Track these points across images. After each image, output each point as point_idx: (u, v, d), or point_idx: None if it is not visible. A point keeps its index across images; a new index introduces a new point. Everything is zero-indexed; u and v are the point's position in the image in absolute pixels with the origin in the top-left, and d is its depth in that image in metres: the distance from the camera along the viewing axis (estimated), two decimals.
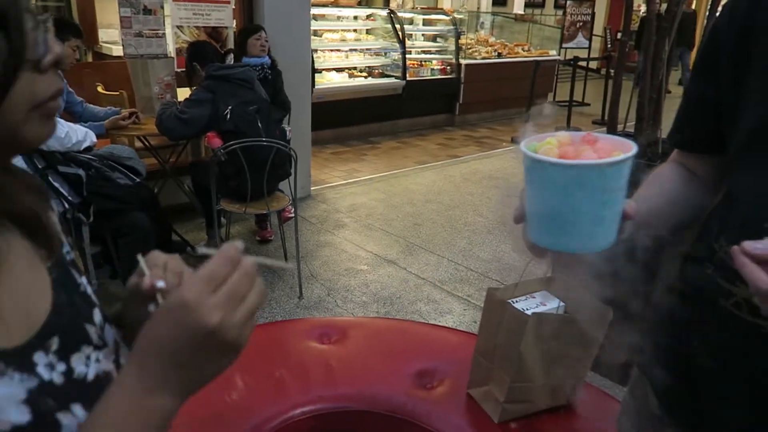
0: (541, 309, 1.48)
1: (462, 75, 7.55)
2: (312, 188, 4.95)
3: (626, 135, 2.59)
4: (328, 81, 6.47)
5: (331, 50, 6.70)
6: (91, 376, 0.59)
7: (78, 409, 0.55)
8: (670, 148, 1.08)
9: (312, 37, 6.38)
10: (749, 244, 0.66)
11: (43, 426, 0.52)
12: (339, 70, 6.70)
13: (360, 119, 6.82)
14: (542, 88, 8.37)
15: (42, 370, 0.54)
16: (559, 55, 9.03)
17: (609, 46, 9.21)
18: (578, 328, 1.39)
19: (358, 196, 4.91)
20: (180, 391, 0.54)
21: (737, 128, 0.86)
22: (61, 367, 0.56)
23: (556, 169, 0.71)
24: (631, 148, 0.75)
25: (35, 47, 0.53)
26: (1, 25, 0.50)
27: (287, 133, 3.78)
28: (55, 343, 0.56)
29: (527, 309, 1.45)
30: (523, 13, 11.32)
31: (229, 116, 3.13)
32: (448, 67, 7.57)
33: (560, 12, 9.98)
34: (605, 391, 1.54)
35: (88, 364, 0.59)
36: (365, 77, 6.91)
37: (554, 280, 1.50)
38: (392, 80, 6.99)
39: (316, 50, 6.30)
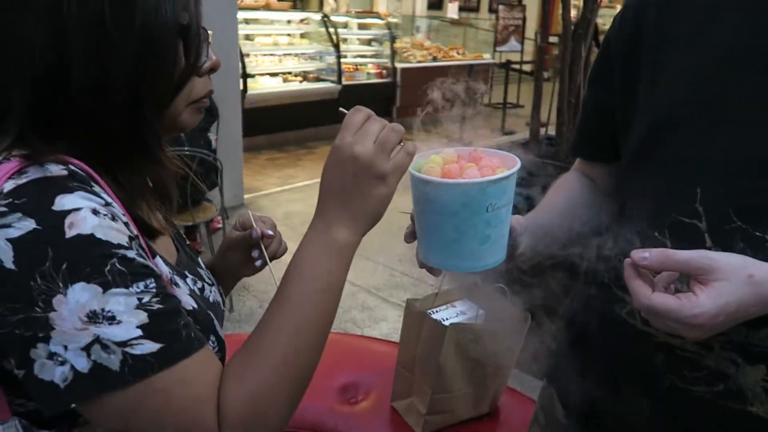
0: (460, 318, 1.48)
1: (398, 78, 7.58)
2: (245, 196, 4.83)
3: (548, 138, 2.65)
4: (262, 86, 6.35)
5: (264, 54, 6.58)
6: (211, 300, 0.75)
7: (211, 315, 0.71)
8: (573, 148, 1.09)
9: (244, 41, 6.26)
10: (637, 254, 0.66)
11: (202, 315, 0.68)
12: (273, 74, 6.59)
13: (295, 124, 6.73)
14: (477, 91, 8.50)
15: (189, 281, 0.71)
16: (493, 58, 9.21)
17: (539, 47, 9.45)
18: (498, 336, 1.39)
19: (294, 203, 4.84)
20: (351, 224, 0.66)
21: (629, 138, 0.87)
22: (197, 285, 0.73)
23: (438, 188, 0.70)
24: (515, 164, 0.74)
25: (201, 56, 0.66)
26: (183, 39, 0.63)
27: (212, 142, 3.66)
28: (188, 273, 0.73)
29: (446, 319, 1.44)
30: (457, 17, 11.50)
31: None
32: (384, 71, 7.58)
33: (494, 16, 10.19)
34: (528, 396, 1.55)
35: (211, 291, 0.77)
36: (300, 82, 6.83)
37: (475, 288, 1.50)
38: (328, 84, 6.94)
39: (248, 55, 6.18)
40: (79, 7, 0.57)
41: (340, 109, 0.71)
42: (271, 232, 0.88)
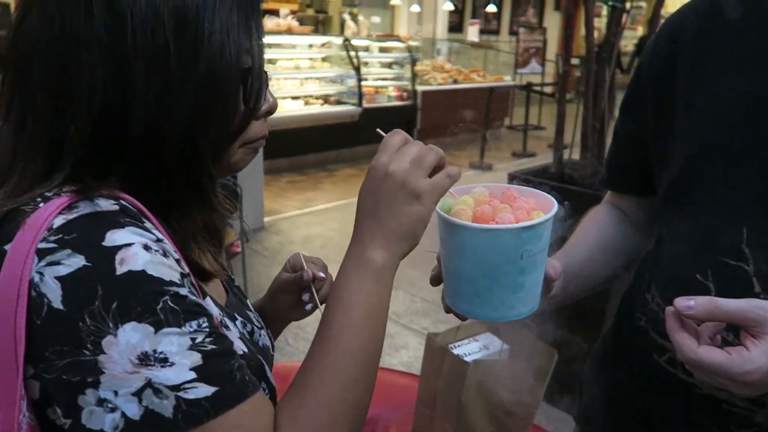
0: (483, 353, 1.42)
1: (419, 101, 7.59)
2: (265, 219, 4.83)
3: (573, 163, 2.59)
4: (283, 109, 6.39)
5: (286, 78, 6.65)
6: (260, 344, 0.74)
7: (262, 360, 0.68)
8: (604, 180, 1.03)
9: (266, 65, 6.31)
10: (681, 303, 0.61)
11: (253, 359, 0.65)
12: (294, 98, 6.64)
13: (316, 147, 6.76)
14: (498, 113, 8.47)
15: (239, 324, 0.70)
16: (514, 80, 9.18)
17: (561, 72, 9.43)
18: (522, 373, 1.33)
19: (314, 227, 4.82)
20: (386, 244, 0.63)
21: (664, 170, 0.82)
22: (247, 327, 0.72)
23: (469, 232, 0.65)
24: (552, 207, 0.70)
25: (261, 100, 0.64)
26: (244, 82, 0.61)
27: None
28: (237, 316, 0.72)
29: (468, 354, 1.38)
30: (478, 40, 11.53)
31: None
32: (405, 94, 7.60)
33: (514, 39, 10.20)
34: None
35: (261, 335, 0.75)
36: (321, 104, 6.87)
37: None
38: (348, 107, 6.97)
39: (270, 79, 6.22)
40: (144, 45, 0.55)
41: (378, 130, 0.69)
42: (322, 275, 0.86)
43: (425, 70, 8.15)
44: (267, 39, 6.45)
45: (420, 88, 7.61)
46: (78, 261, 0.51)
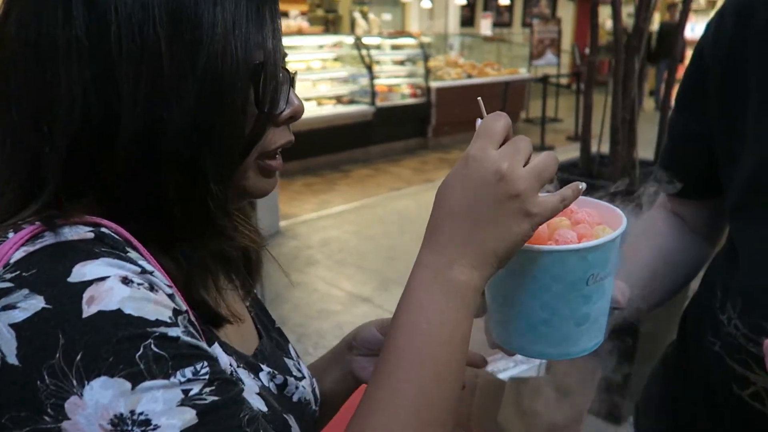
0: (519, 369, 1.32)
1: (432, 98, 7.47)
2: (281, 223, 4.75)
3: (601, 157, 2.47)
4: None
5: (298, 80, 6.53)
6: (295, 398, 0.63)
7: (292, 420, 0.58)
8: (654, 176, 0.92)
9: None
10: None
11: (276, 419, 0.55)
12: (307, 99, 6.57)
13: (330, 148, 6.67)
14: (514, 107, 8.32)
15: (263, 377, 0.59)
16: (529, 72, 9.02)
17: (578, 62, 9.25)
18: (564, 389, 1.23)
19: (330, 230, 4.73)
20: (480, 262, 0.50)
21: (735, 171, 0.71)
22: (277, 379, 0.61)
23: (523, 255, 0.53)
24: (617, 220, 0.59)
25: (278, 103, 0.54)
26: (255, 82, 0.51)
27: None
28: (266, 366, 0.61)
29: (503, 370, 1.28)
30: (491, 33, 11.37)
31: None
32: (418, 91, 7.48)
33: (528, 30, 10.03)
34: None
35: (297, 386, 0.64)
36: (333, 105, 6.79)
37: None
38: (361, 107, 6.87)
39: (296, 75, 6.16)
40: (130, 45, 0.46)
41: (478, 98, 0.57)
42: None
43: (438, 66, 8.03)
44: None
45: (434, 84, 7.50)
46: (36, 303, 0.42)
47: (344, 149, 6.82)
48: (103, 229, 0.48)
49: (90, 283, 0.43)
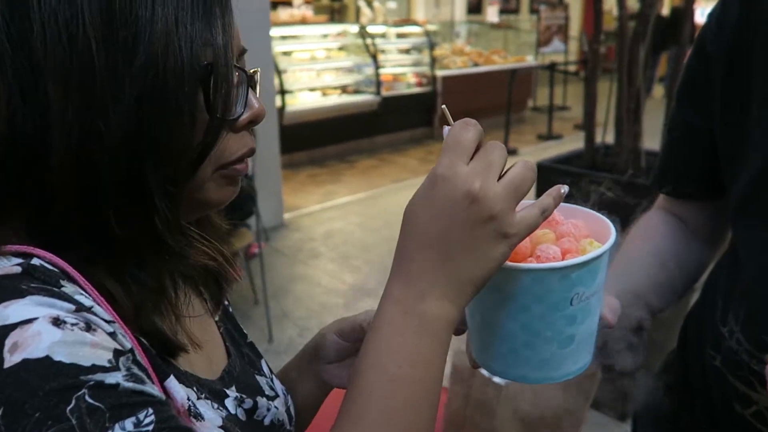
0: None
1: (438, 87, 7.39)
2: (285, 215, 4.73)
3: (606, 148, 2.40)
4: (300, 102, 6.27)
5: (302, 70, 6.51)
6: (267, 422, 0.59)
7: None
8: (656, 182, 0.87)
9: (281, 57, 6.20)
10: None
11: None
12: (311, 89, 6.51)
13: (335, 138, 6.63)
14: (521, 95, 8.23)
15: (230, 404, 0.55)
16: (536, 60, 8.91)
17: (585, 49, 9.12)
18: (561, 396, 1.18)
19: (335, 221, 4.70)
20: (454, 293, 0.46)
21: (738, 170, 0.66)
22: (245, 404, 0.57)
23: (501, 274, 0.49)
24: (606, 231, 0.54)
25: (235, 106, 0.49)
26: (204, 85, 0.46)
27: (248, 167, 3.54)
28: (233, 391, 0.57)
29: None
30: (497, 20, 11.23)
31: None
32: (424, 80, 7.40)
33: (535, 17, 9.88)
34: None
35: (269, 408, 0.60)
36: (339, 95, 6.73)
37: None
38: (366, 96, 6.81)
39: (285, 71, 6.11)
40: (56, 46, 0.41)
41: (443, 108, 0.52)
42: None
43: (444, 54, 7.93)
44: (281, 31, 6.37)
45: (440, 73, 7.41)
46: None
47: (349, 139, 6.77)
48: (33, 261, 0.43)
49: (13, 327, 0.38)
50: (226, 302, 0.68)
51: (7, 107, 0.42)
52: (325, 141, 6.53)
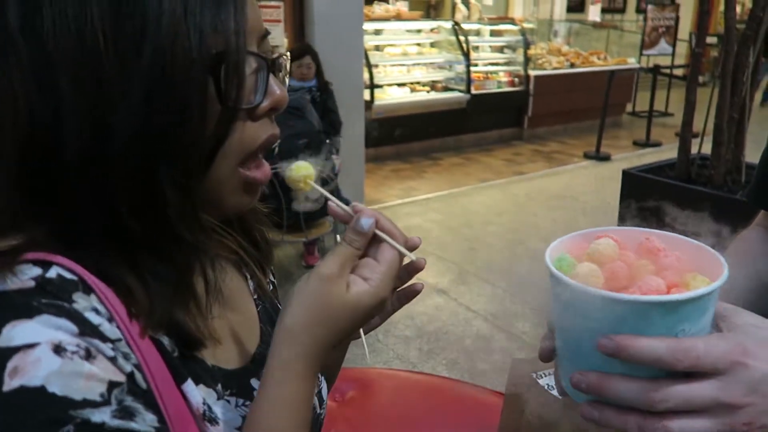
0: None
1: (531, 87, 7.20)
2: None
3: (702, 159, 2.24)
4: (389, 96, 6.32)
5: (393, 65, 6.56)
6: None
7: None
8: (753, 197, 0.79)
9: (373, 51, 6.27)
10: None
11: None
12: (401, 84, 6.54)
13: (422, 135, 6.63)
14: (620, 98, 7.86)
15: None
16: (639, 62, 8.47)
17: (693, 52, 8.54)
18: None
19: (414, 217, 4.70)
20: (325, 355, 0.51)
21: None
22: None
23: (601, 304, 0.46)
24: (716, 269, 0.49)
25: (253, 93, 0.49)
26: (215, 74, 0.45)
27: (335, 166, 3.60)
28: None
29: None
30: (600, 19, 10.76)
31: (277, 150, 3.02)
32: (516, 79, 7.24)
33: (642, 17, 9.38)
34: None
35: None
36: (428, 91, 6.72)
37: None
38: (456, 94, 6.76)
39: (376, 65, 6.18)
40: (66, 39, 0.42)
41: (330, 205, 0.56)
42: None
43: (540, 53, 7.72)
44: (375, 25, 6.44)
45: (533, 72, 7.22)
46: None
47: (436, 136, 6.75)
48: (50, 272, 0.43)
49: (17, 350, 0.39)
50: (270, 284, 0.69)
51: (26, 100, 0.43)
52: (411, 137, 6.55)
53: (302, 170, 0.56)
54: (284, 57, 0.53)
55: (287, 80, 0.55)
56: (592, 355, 0.49)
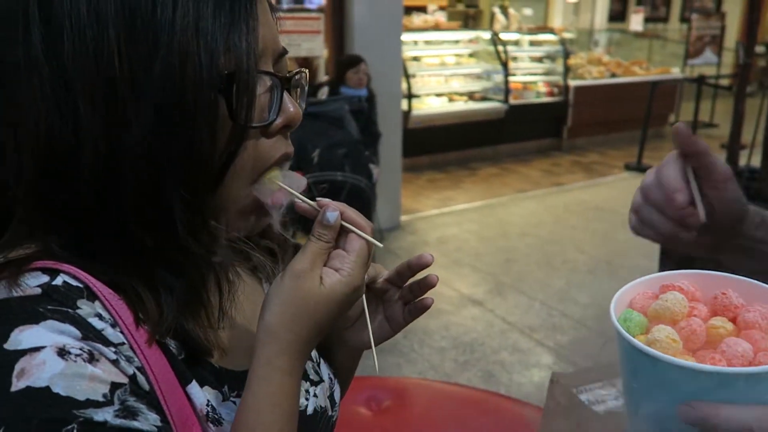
0: (621, 402, 1.20)
1: (570, 97, 7.11)
2: (402, 218, 4.79)
3: (751, 171, 2.18)
4: (427, 106, 6.33)
5: (431, 75, 6.57)
6: (310, 410, 0.60)
7: None
8: None
9: (411, 62, 6.30)
10: None
11: None
12: (438, 94, 6.55)
13: (459, 145, 6.61)
14: (662, 109, 7.68)
15: None
16: (683, 72, 8.27)
17: (742, 62, 8.30)
18: None
19: (450, 227, 4.69)
20: (308, 349, 0.53)
21: None
22: None
23: (681, 374, 0.44)
24: None
25: (266, 111, 0.50)
26: (226, 94, 0.46)
27: (374, 175, 3.62)
28: None
29: (600, 402, 1.17)
30: (642, 29, 10.57)
31: (316, 160, 3.06)
32: (555, 89, 7.16)
33: (686, 27, 9.18)
34: None
35: (307, 398, 0.61)
36: (465, 101, 6.71)
37: None
38: (494, 104, 6.72)
39: (414, 75, 6.20)
40: (84, 58, 0.44)
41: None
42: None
43: (580, 63, 7.62)
44: (414, 36, 6.47)
45: (572, 83, 7.13)
46: None
47: (473, 146, 6.72)
48: (57, 279, 0.45)
49: (24, 353, 0.41)
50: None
51: (46, 117, 0.45)
52: (449, 147, 6.53)
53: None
54: (302, 74, 0.54)
55: (304, 96, 0.56)
56: (673, 423, 0.46)
